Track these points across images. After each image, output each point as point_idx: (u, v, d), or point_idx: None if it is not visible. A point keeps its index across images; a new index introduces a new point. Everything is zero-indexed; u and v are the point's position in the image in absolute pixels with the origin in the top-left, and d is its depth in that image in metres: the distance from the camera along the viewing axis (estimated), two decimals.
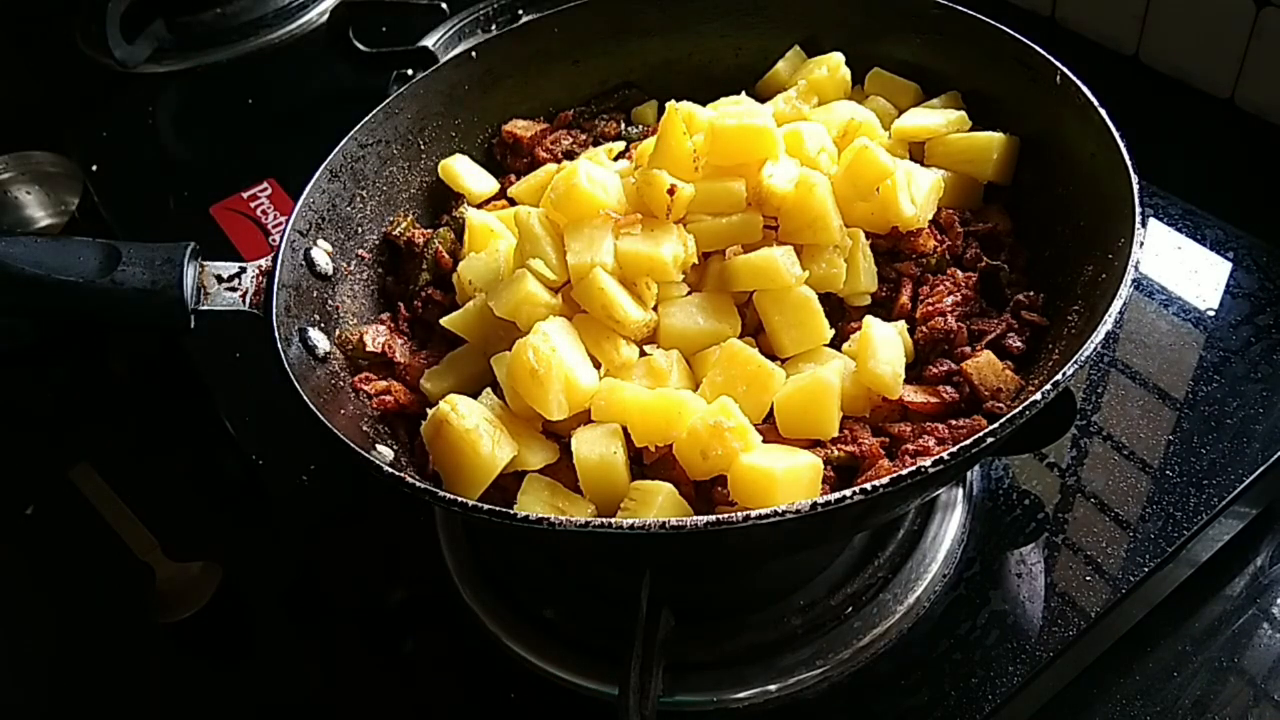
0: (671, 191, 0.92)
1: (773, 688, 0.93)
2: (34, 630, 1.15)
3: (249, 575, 1.11)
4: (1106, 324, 0.77)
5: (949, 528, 1.01)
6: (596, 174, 0.95)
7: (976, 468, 1.06)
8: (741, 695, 0.93)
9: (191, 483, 1.25)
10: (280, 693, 1.04)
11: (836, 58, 1.13)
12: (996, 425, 0.72)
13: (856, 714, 0.92)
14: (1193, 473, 1.02)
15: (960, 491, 1.04)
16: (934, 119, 1.06)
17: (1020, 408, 0.73)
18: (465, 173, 1.16)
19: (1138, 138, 0.91)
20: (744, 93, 1.10)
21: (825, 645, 0.94)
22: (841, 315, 0.98)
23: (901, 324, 0.95)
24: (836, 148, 1.02)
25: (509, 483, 0.88)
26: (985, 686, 0.90)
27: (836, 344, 0.94)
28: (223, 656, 1.09)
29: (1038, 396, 0.73)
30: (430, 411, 0.89)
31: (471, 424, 0.85)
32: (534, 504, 0.85)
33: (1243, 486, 1.00)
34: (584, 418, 0.89)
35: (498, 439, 0.86)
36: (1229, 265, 1.21)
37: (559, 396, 0.86)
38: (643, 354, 0.93)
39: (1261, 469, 1.01)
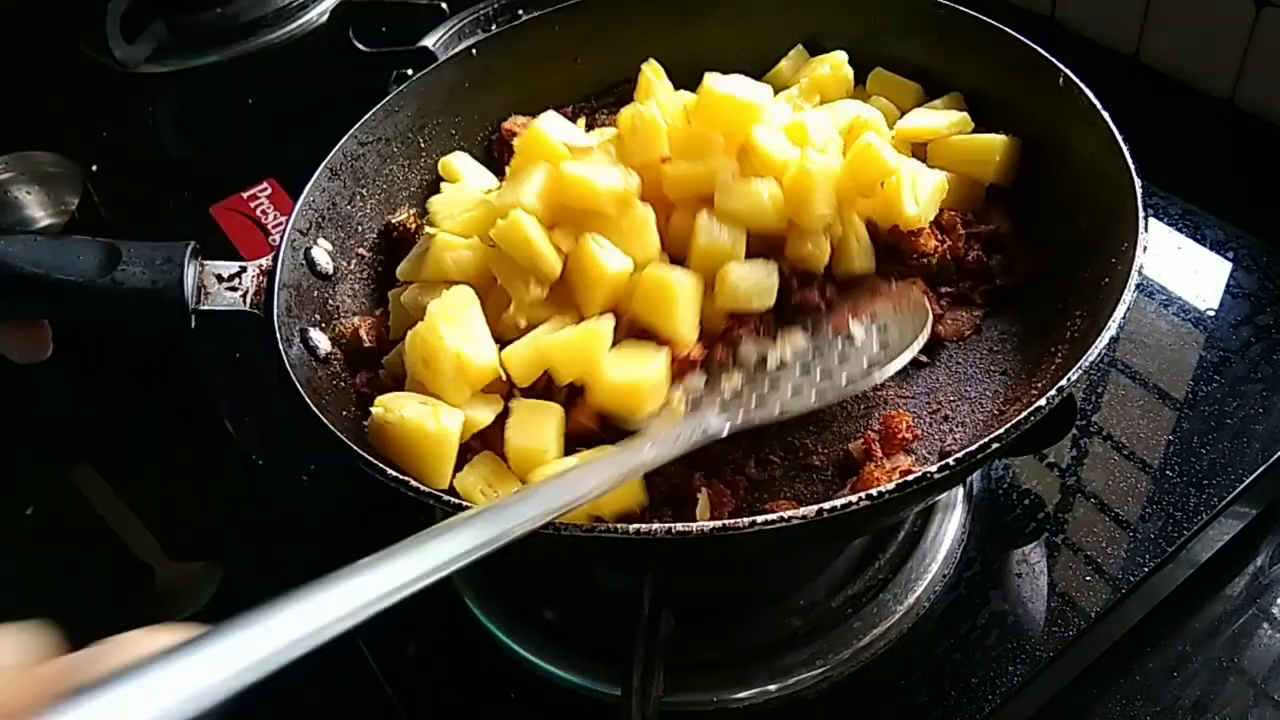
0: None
1: (773, 688, 0.93)
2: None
3: (249, 575, 1.11)
4: (1110, 330, 0.77)
5: (949, 528, 1.01)
6: (560, 125, 0.98)
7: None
8: (741, 695, 0.93)
9: (191, 483, 1.25)
10: (280, 693, 1.04)
11: (839, 55, 1.13)
12: (1001, 431, 0.72)
13: (856, 714, 0.92)
14: (1193, 473, 1.02)
15: (960, 491, 1.04)
16: (936, 120, 1.06)
17: (1025, 413, 0.73)
18: (465, 170, 1.15)
19: (1138, 138, 0.91)
20: None
21: (825, 645, 0.94)
22: None
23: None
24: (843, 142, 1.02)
25: None
26: (985, 686, 0.90)
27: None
28: None
29: (1042, 402, 0.73)
30: (366, 423, 0.87)
31: (409, 412, 0.84)
32: (473, 486, 0.86)
33: (1243, 486, 1.00)
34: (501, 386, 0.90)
35: (439, 413, 0.85)
36: (1229, 265, 1.21)
37: (455, 381, 0.86)
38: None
39: (1261, 469, 1.01)
